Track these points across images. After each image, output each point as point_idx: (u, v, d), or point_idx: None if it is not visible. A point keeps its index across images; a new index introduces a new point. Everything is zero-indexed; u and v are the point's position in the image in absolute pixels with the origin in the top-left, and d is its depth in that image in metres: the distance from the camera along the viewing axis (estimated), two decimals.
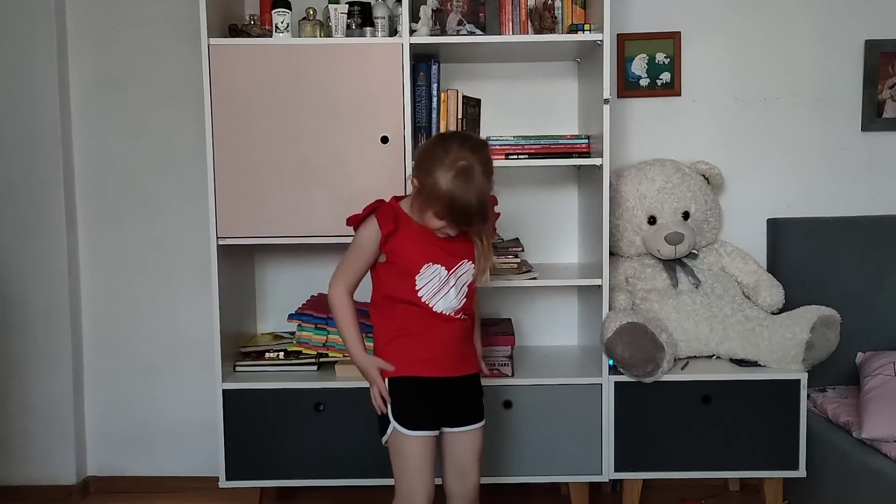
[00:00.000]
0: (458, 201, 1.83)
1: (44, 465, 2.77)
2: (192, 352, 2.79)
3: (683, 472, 2.45)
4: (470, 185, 1.83)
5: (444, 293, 1.95)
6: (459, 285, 1.96)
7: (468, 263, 1.98)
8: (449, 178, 1.82)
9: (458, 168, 1.83)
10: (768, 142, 2.79)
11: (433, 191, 1.84)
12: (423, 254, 1.93)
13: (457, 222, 1.87)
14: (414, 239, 1.94)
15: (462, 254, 1.97)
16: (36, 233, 2.72)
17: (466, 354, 2.05)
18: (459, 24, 2.53)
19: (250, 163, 2.36)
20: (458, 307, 1.96)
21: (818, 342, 2.39)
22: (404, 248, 1.94)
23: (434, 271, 1.94)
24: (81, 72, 2.76)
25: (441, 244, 1.94)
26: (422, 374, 1.95)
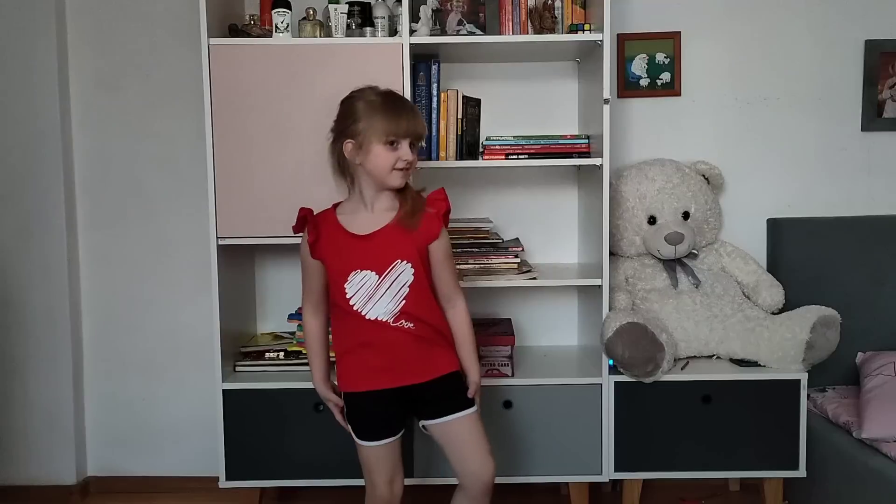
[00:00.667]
0: (392, 96, 1.90)
1: (44, 465, 2.77)
2: (193, 352, 2.79)
3: (683, 472, 2.45)
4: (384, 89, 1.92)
5: (376, 299, 1.89)
6: (395, 289, 1.89)
7: (404, 264, 1.89)
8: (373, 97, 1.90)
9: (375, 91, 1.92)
10: (768, 142, 2.79)
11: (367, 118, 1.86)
12: (350, 260, 1.90)
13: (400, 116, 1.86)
14: (339, 245, 1.91)
15: (395, 254, 1.89)
16: (36, 233, 2.72)
17: (427, 359, 1.94)
18: (459, 24, 2.53)
19: (250, 163, 2.36)
20: (394, 313, 1.88)
21: (818, 342, 2.39)
22: (330, 254, 1.92)
23: (363, 278, 1.89)
24: (81, 72, 2.76)
25: (369, 247, 1.89)
26: (369, 389, 1.94)
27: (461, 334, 1.99)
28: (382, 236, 1.90)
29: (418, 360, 1.93)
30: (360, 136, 1.88)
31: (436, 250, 1.94)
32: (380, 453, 1.98)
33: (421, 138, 1.93)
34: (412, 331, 1.91)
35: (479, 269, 2.49)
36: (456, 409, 1.96)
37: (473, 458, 1.97)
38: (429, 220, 1.93)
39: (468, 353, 2.00)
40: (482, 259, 2.51)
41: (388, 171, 1.88)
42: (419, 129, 1.90)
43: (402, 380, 1.93)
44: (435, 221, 1.94)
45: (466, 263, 2.50)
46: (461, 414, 1.96)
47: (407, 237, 1.90)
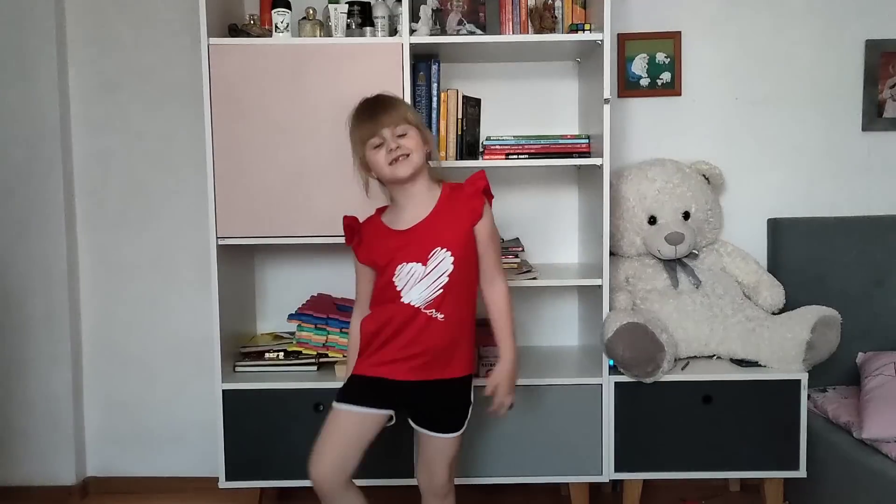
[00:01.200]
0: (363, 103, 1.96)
1: (44, 466, 2.77)
2: (192, 352, 2.79)
3: (683, 472, 2.45)
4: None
5: (420, 286, 1.91)
6: (434, 276, 1.90)
7: (443, 252, 1.90)
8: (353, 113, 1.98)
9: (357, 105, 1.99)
10: (768, 142, 2.79)
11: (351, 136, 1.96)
12: (395, 255, 1.92)
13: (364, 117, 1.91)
14: (384, 242, 1.95)
15: (435, 242, 1.91)
16: (36, 233, 2.72)
17: (448, 356, 1.95)
18: (459, 23, 2.53)
19: (250, 163, 2.36)
20: (428, 300, 1.90)
21: (818, 342, 2.39)
22: (377, 253, 1.96)
23: (410, 270, 1.91)
24: (81, 72, 2.76)
25: (411, 240, 1.92)
26: (379, 375, 1.95)
27: (499, 312, 1.99)
28: (422, 227, 1.93)
29: (440, 355, 1.93)
30: (357, 155, 1.96)
31: (481, 230, 1.94)
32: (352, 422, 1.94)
33: (399, 123, 1.91)
34: (441, 322, 1.91)
35: None
36: (444, 429, 1.98)
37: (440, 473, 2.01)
38: (468, 199, 1.94)
39: (504, 330, 2.00)
40: None
41: (386, 168, 1.91)
42: (385, 119, 1.89)
43: (418, 374, 1.93)
44: (475, 200, 1.94)
45: None
46: (447, 435, 1.98)
47: (449, 224, 1.92)
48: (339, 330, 2.46)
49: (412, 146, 1.90)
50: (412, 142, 1.91)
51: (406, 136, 1.91)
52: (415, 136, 1.92)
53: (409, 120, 1.93)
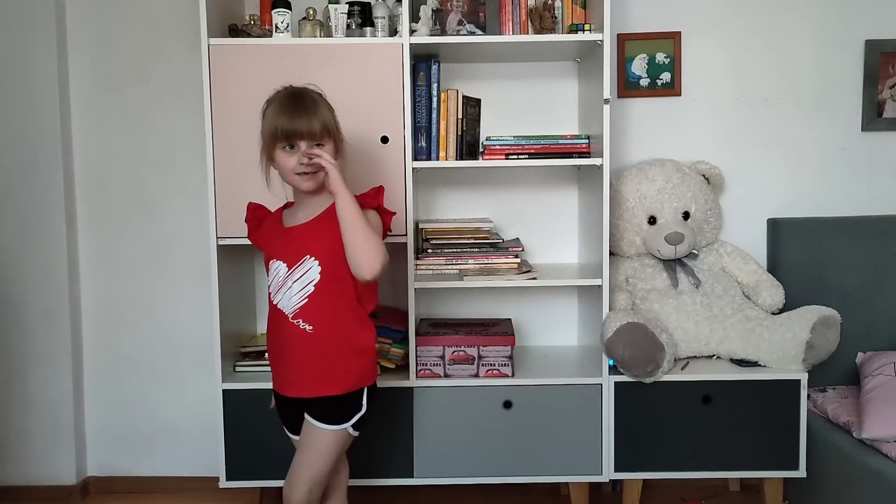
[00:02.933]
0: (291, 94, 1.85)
1: (44, 465, 2.77)
2: (192, 352, 2.79)
3: (683, 472, 2.45)
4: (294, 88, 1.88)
5: (284, 290, 1.88)
6: (301, 284, 1.85)
7: (312, 260, 1.84)
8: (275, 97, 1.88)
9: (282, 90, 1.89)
10: (768, 142, 2.79)
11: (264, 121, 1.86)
12: (272, 250, 1.93)
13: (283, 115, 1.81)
14: (270, 235, 1.96)
15: (306, 249, 1.85)
16: (36, 233, 2.72)
17: (318, 372, 1.87)
18: (459, 24, 2.53)
19: (250, 163, 2.34)
20: (294, 309, 1.85)
21: (818, 342, 2.39)
22: (261, 243, 2.00)
23: (276, 268, 1.90)
24: (81, 72, 2.76)
25: (287, 239, 1.90)
26: (276, 390, 1.99)
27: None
28: (301, 230, 1.90)
29: (309, 371, 1.87)
30: (263, 139, 1.88)
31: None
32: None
33: (317, 132, 1.82)
34: (310, 334, 1.85)
35: (479, 269, 2.50)
36: (322, 419, 1.89)
37: (293, 470, 1.92)
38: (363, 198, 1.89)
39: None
40: (482, 259, 2.51)
41: (291, 176, 1.86)
42: (304, 126, 1.80)
43: (292, 389, 1.93)
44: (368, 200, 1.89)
45: (466, 263, 2.51)
46: (318, 424, 1.89)
47: (325, 233, 1.84)
48: None
49: (329, 157, 1.81)
50: (329, 152, 1.84)
51: (324, 149, 1.83)
52: (330, 148, 1.85)
53: (328, 130, 1.84)
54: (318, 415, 1.90)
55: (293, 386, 1.92)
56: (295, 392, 1.92)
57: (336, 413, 1.90)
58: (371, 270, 1.79)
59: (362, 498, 2.52)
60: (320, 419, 1.89)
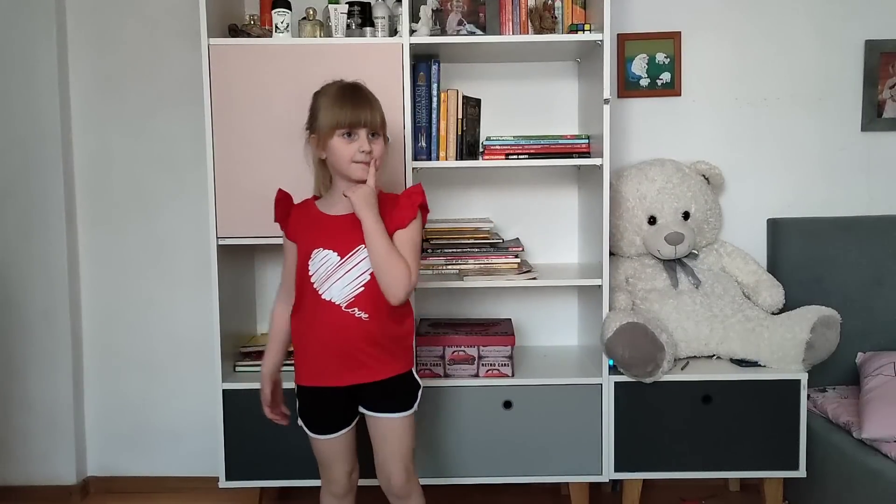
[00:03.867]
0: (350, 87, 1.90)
1: (44, 465, 2.77)
2: (192, 352, 2.79)
3: (683, 472, 2.45)
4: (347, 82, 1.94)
5: (333, 280, 1.88)
6: (355, 274, 1.87)
7: (366, 250, 1.87)
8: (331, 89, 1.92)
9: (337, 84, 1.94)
10: (768, 142, 2.79)
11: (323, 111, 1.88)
12: (315, 237, 1.91)
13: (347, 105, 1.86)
14: (309, 222, 1.94)
15: (360, 238, 1.86)
16: (36, 233, 2.72)
17: (375, 357, 1.90)
18: (459, 24, 2.53)
19: (250, 163, 2.36)
20: (349, 298, 1.87)
21: (818, 342, 2.39)
22: (300, 232, 1.95)
23: (324, 257, 1.89)
24: (81, 72, 2.76)
25: (336, 228, 1.90)
26: (320, 385, 1.95)
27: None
28: (350, 219, 1.89)
29: (367, 357, 1.90)
30: (318, 131, 1.90)
31: (401, 236, 1.89)
32: (335, 446, 1.99)
33: (376, 128, 1.89)
34: (364, 322, 1.88)
35: (479, 269, 2.50)
36: (389, 409, 1.95)
37: (386, 461, 1.98)
38: (402, 209, 1.90)
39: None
40: (482, 259, 2.51)
41: (347, 164, 1.88)
42: (368, 117, 1.86)
43: (349, 378, 1.92)
44: (406, 212, 1.90)
45: (466, 263, 2.51)
46: (392, 415, 1.95)
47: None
48: None
49: (378, 153, 1.89)
50: (380, 148, 1.90)
51: (377, 142, 1.89)
52: (381, 142, 1.92)
53: (384, 123, 1.92)
54: (384, 406, 1.94)
55: (348, 374, 1.91)
56: (352, 379, 1.91)
57: (399, 397, 1.96)
58: (395, 299, 1.86)
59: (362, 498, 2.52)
60: (388, 409, 1.94)
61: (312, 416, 1.99)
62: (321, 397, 1.96)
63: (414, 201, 1.91)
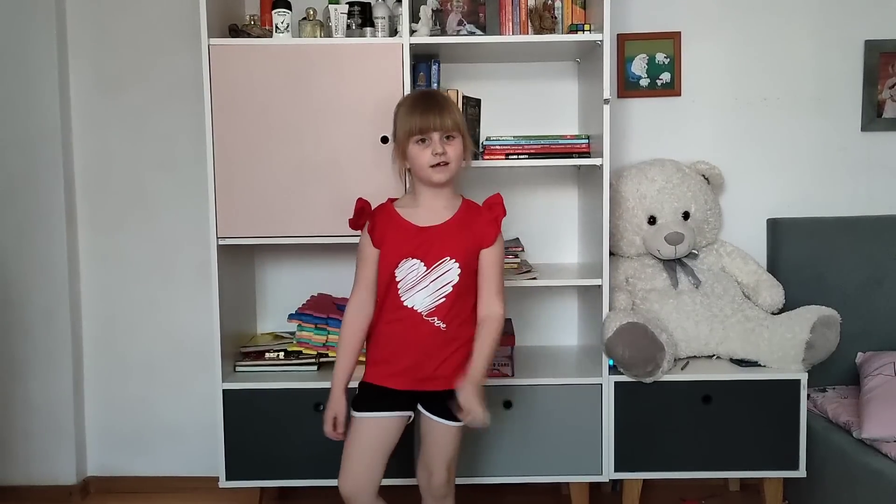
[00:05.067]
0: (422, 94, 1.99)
1: (44, 465, 2.77)
2: (192, 352, 2.79)
3: (683, 472, 2.45)
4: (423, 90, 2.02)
5: (418, 289, 1.92)
6: (439, 285, 1.92)
7: (451, 262, 1.92)
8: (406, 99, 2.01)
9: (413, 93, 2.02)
10: (768, 142, 2.79)
11: (398, 121, 1.95)
12: (403, 247, 1.93)
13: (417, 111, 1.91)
14: (396, 232, 1.95)
15: (446, 250, 1.92)
16: (36, 233, 2.72)
17: (448, 366, 1.94)
18: (459, 24, 2.53)
19: (250, 163, 2.36)
20: (430, 307, 1.92)
21: (818, 342, 2.39)
22: (386, 241, 1.96)
23: (412, 266, 1.92)
24: (81, 72, 2.76)
25: (423, 239, 1.93)
26: (381, 384, 1.96)
27: (487, 330, 1.94)
28: (438, 231, 1.94)
29: (442, 366, 1.94)
30: (397, 139, 1.96)
31: (488, 255, 1.95)
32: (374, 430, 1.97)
33: (450, 128, 1.92)
34: (443, 332, 1.92)
35: None
36: (450, 416, 1.97)
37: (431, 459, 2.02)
38: (485, 224, 1.96)
39: (480, 351, 1.93)
40: None
41: (425, 169, 1.91)
42: (437, 121, 1.90)
43: (418, 385, 1.95)
44: (491, 227, 1.96)
45: None
46: (451, 423, 1.98)
47: (461, 237, 1.94)
48: (339, 330, 2.46)
49: (455, 155, 1.92)
50: (456, 150, 1.93)
51: (452, 144, 1.93)
52: (459, 143, 1.94)
53: (458, 124, 1.94)
54: (445, 412, 1.96)
55: (425, 381, 1.95)
56: (427, 386, 1.95)
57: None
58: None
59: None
60: (449, 416, 1.96)
61: (368, 404, 1.98)
62: (385, 394, 1.97)
63: (497, 216, 1.97)
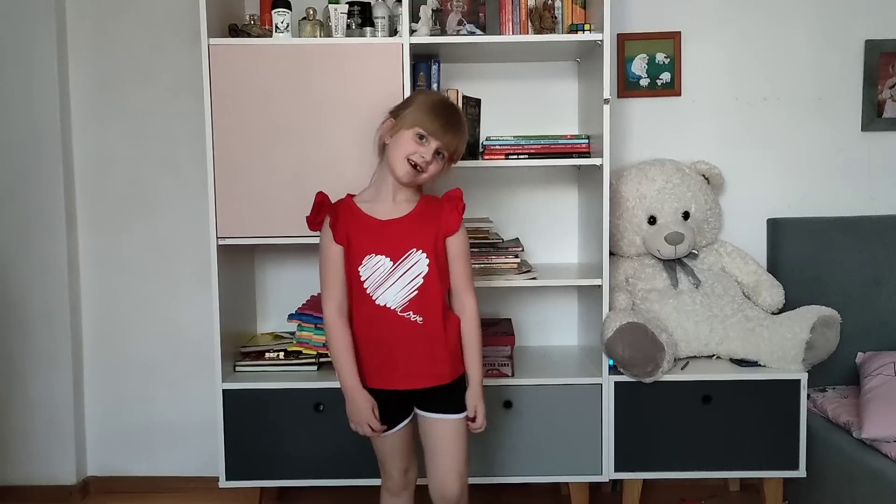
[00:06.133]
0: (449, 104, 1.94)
1: (44, 465, 2.77)
2: (192, 352, 2.79)
3: (683, 472, 2.45)
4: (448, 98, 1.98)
5: (388, 286, 1.89)
6: (409, 278, 1.89)
7: (419, 253, 1.89)
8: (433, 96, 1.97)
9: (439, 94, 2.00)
10: (768, 142, 2.79)
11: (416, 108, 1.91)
12: (366, 243, 1.90)
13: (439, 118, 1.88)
14: (357, 227, 1.92)
15: (412, 242, 1.90)
16: (36, 233, 2.72)
17: (432, 362, 1.92)
18: (459, 24, 2.52)
19: (250, 163, 2.36)
20: (403, 302, 1.88)
21: (818, 342, 2.39)
22: (348, 236, 1.92)
23: (377, 262, 1.89)
24: (81, 72, 2.76)
25: (386, 233, 1.91)
26: (380, 387, 1.94)
27: (467, 338, 1.97)
28: (401, 224, 1.92)
29: (424, 361, 1.92)
30: (400, 119, 1.92)
31: (452, 244, 1.94)
32: (392, 443, 1.99)
33: (450, 151, 1.91)
34: (420, 325, 1.90)
35: (479, 269, 2.49)
36: (444, 410, 1.96)
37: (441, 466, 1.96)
38: (448, 213, 1.94)
39: (472, 359, 1.96)
40: (482, 259, 2.50)
41: (401, 157, 1.89)
42: (448, 139, 1.88)
43: (407, 382, 1.93)
44: (453, 215, 1.94)
45: None
46: (447, 416, 1.96)
47: (425, 228, 1.92)
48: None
49: (434, 171, 1.92)
50: (437, 167, 1.92)
51: (438, 162, 1.91)
52: (442, 164, 1.93)
53: (457, 155, 1.94)
54: (440, 407, 1.95)
55: (408, 379, 1.93)
56: (411, 384, 1.93)
57: (456, 400, 1.96)
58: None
59: (361, 498, 2.52)
60: (444, 411, 1.95)
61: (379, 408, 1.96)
62: (378, 398, 1.95)
63: (457, 205, 1.96)
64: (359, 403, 1.93)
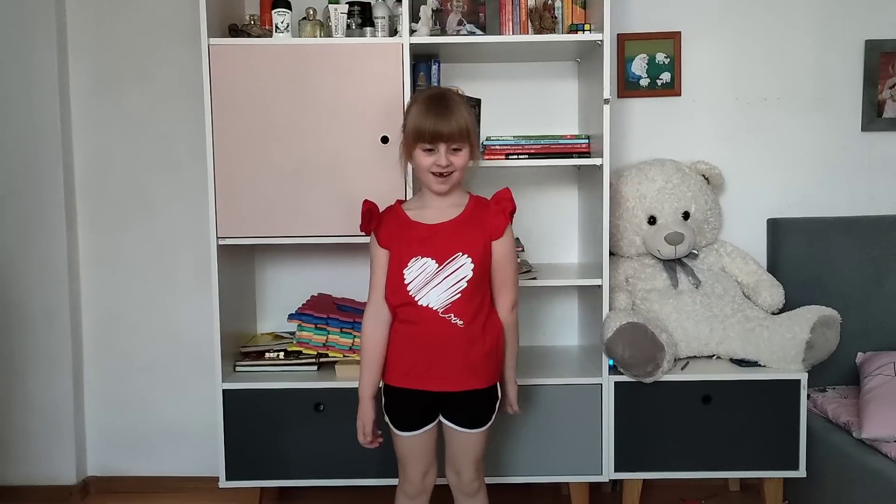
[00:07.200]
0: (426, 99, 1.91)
1: (44, 465, 2.77)
2: (192, 352, 2.79)
3: (683, 472, 2.45)
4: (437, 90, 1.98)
5: (431, 287, 1.90)
6: (453, 281, 1.90)
7: (464, 257, 1.90)
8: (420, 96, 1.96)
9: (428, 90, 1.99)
10: (768, 142, 2.79)
11: (409, 121, 1.92)
12: (411, 246, 1.92)
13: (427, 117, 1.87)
14: (403, 231, 1.95)
15: (457, 246, 1.91)
16: (36, 233, 2.72)
17: (468, 367, 1.92)
18: (459, 24, 2.53)
19: (250, 163, 2.36)
20: (446, 304, 1.89)
21: (818, 342, 2.39)
22: (394, 241, 1.95)
23: (423, 265, 1.91)
24: (81, 72, 2.76)
25: (432, 236, 1.92)
26: (411, 387, 1.95)
27: (508, 328, 1.99)
28: (447, 228, 1.93)
29: (459, 364, 1.91)
30: (405, 135, 1.94)
31: (498, 247, 1.94)
32: (416, 444, 1.99)
33: (459, 137, 1.89)
34: (460, 329, 1.90)
35: None
36: (471, 425, 1.97)
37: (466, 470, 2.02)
38: (494, 216, 1.95)
39: (512, 348, 2.01)
40: None
41: (425, 173, 1.91)
42: (447, 132, 1.87)
43: (441, 384, 1.93)
44: (500, 218, 1.95)
45: None
46: (469, 430, 1.98)
47: (471, 232, 1.93)
48: (339, 330, 2.47)
49: (460, 164, 1.91)
50: (462, 159, 1.92)
51: (458, 154, 1.91)
52: (465, 153, 1.92)
53: (466, 135, 1.91)
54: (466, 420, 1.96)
55: (439, 381, 1.92)
56: (442, 386, 1.93)
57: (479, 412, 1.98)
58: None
59: (361, 498, 2.53)
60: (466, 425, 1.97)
61: (397, 413, 1.99)
62: (407, 397, 1.96)
63: (504, 208, 1.97)
64: (361, 411, 2.00)
